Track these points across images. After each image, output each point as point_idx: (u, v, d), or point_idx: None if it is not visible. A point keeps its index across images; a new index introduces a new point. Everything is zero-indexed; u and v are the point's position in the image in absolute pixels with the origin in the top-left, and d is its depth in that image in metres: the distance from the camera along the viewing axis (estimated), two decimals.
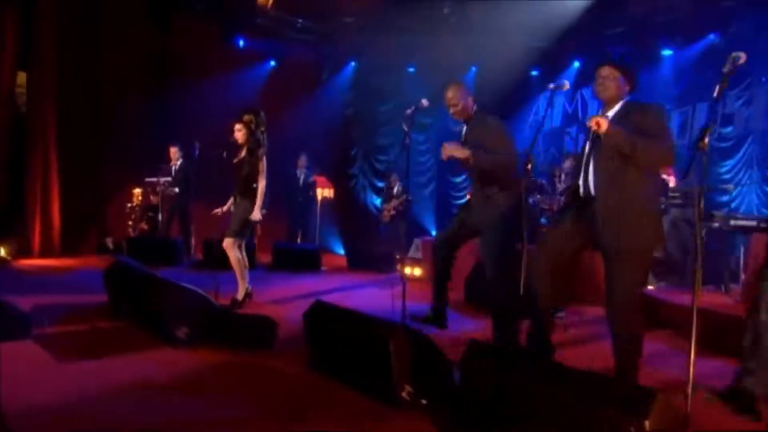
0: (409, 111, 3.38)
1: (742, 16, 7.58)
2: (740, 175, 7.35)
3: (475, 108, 3.50)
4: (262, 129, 4.49)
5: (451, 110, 3.50)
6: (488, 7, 9.31)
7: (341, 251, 10.55)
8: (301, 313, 4.54)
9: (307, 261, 7.42)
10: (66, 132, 7.60)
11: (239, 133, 4.47)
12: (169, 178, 7.51)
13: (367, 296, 5.62)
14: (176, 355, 3.16)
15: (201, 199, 8.17)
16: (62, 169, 7.57)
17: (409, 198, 8.21)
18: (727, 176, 7.49)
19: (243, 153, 4.53)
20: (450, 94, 3.49)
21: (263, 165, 4.46)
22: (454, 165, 12.49)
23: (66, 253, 7.54)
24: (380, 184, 11.41)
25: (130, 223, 7.63)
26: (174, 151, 7.70)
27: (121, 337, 3.49)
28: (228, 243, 4.48)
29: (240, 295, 4.49)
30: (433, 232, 10.98)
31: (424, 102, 3.41)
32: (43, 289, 5.03)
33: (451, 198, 11.27)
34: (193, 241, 7.66)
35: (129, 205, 7.68)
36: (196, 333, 3.26)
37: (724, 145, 7.58)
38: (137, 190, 7.61)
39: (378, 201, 11.41)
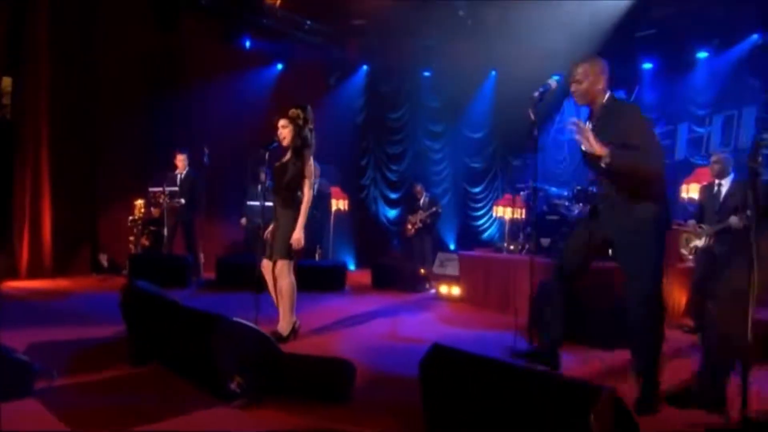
0: (536, 93, 2.69)
1: None
2: None
3: (608, 94, 2.74)
4: (311, 126, 3.78)
5: (573, 87, 2.75)
6: (506, 10, 8.79)
7: (352, 266, 9.84)
8: (351, 345, 3.85)
9: (331, 280, 6.69)
10: (59, 139, 6.89)
11: (285, 130, 3.74)
12: (175, 188, 6.71)
13: (419, 323, 4.90)
14: (230, 416, 2.40)
15: (209, 212, 7.43)
16: (54, 180, 6.83)
17: (440, 210, 7.57)
18: None
19: (288, 155, 3.80)
20: (579, 69, 2.72)
21: (311, 168, 3.74)
22: (472, 173, 11.76)
23: (57, 273, 6.72)
24: (393, 196, 10.78)
25: (132, 238, 6.80)
26: (181, 159, 6.93)
27: (151, 390, 2.71)
28: (281, 267, 3.71)
29: (285, 330, 3.73)
30: (452, 246, 10.31)
31: (552, 83, 2.73)
32: (37, 320, 4.21)
33: (470, 209, 10.65)
34: (202, 258, 6.84)
35: (130, 218, 6.85)
36: (253, 384, 2.51)
37: None
38: (139, 202, 6.79)
39: (391, 213, 10.75)
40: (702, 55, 8.35)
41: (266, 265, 3.81)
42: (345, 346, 3.78)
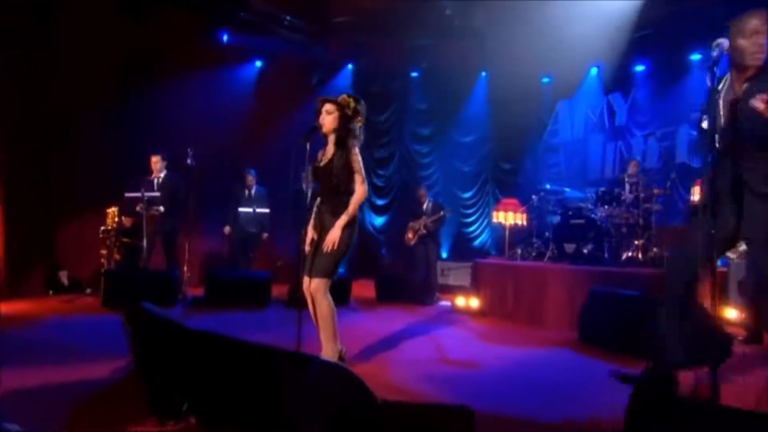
0: (715, 53, 2.29)
1: None
2: None
3: None
4: (360, 121, 3.20)
5: (755, 50, 2.43)
6: (493, 9, 8.46)
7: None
8: (408, 375, 3.12)
9: (335, 294, 5.96)
10: (12, 142, 5.94)
11: (329, 116, 3.13)
12: (156, 193, 5.88)
13: (460, 342, 4.34)
14: None
15: (193, 222, 6.61)
16: (6, 188, 5.88)
17: (447, 214, 7.06)
18: None
19: (330, 150, 3.17)
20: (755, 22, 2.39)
21: (358, 160, 3.14)
22: (463, 178, 11.35)
23: (10, 294, 5.76)
24: (380, 202, 10.22)
25: (104, 251, 5.91)
26: (155, 161, 6.14)
27: None
28: (318, 286, 3.11)
29: (331, 360, 3.08)
30: (444, 254, 9.81)
31: (725, 42, 2.30)
32: (8, 357, 3.33)
33: (460, 216, 10.19)
34: (186, 272, 6.01)
35: (102, 227, 5.95)
36: None
37: None
38: (113, 210, 5.91)
39: (378, 221, 10.18)
40: (698, 56, 8.25)
41: (307, 283, 3.17)
42: (403, 377, 3.16)
